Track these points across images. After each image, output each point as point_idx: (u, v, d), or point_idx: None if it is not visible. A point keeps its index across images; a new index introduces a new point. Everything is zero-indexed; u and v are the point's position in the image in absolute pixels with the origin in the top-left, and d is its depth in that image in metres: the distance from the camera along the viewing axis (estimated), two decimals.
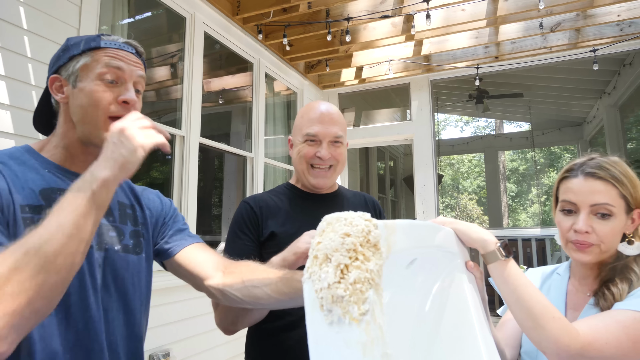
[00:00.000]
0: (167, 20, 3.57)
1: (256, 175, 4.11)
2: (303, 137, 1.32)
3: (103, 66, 0.93)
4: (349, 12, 3.87)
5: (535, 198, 18.48)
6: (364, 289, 0.49)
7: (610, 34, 4.28)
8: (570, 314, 1.06)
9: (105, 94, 0.92)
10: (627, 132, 7.38)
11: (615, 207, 0.98)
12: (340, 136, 1.33)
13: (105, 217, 0.97)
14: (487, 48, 4.75)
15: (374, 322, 0.47)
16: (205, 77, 4.67)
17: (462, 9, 3.87)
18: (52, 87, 0.96)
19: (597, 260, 1.01)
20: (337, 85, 5.50)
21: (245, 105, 4.56)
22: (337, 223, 0.56)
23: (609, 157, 1.04)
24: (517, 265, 0.90)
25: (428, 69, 5.04)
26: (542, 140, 9.97)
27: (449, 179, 19.70)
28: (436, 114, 5.92)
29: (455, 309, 0.85)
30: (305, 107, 1.40)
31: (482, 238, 0.90)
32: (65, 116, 0.96)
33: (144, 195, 1.11)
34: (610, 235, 0.98)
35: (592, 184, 0.99)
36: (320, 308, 0.49)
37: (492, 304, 4.69)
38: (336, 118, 1.34)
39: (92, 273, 0.90)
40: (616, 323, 0.86)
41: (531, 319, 0.85)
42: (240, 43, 3.95)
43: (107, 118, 0.92)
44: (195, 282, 1.05)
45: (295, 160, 1.36)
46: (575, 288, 1.09)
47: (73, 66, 0.94)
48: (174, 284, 2.84)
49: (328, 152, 1.30)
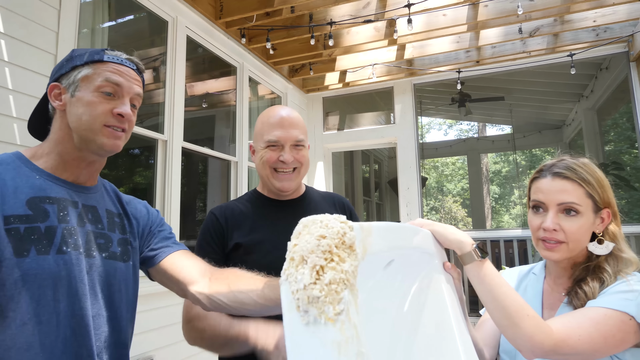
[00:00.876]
0: (148, 23, 3.54)
1: (240, 180, 4.10)
2: (265, 143, 1.32)
3: (103, 79, 0.96)
4: (332, 17, 3.90)
5: (517, 200, 18.77)
6: (339, 290, 0.50)
7: (587, 39, 4.40)
8: (546, 313, 1.08)
9: (101, 105, 0.95)
10: (604, 135, 7.56)
11: (581, 206, 1.00)
12: (302, 140, 1.33)
13: (93, 224, 0.99)
14: (469, 52, 4.83)
15: (349, 321, 0.48)
16: (188, 81, 4.64)
17: (443, 14, 3.93)
18: (50, 94, 0.99)
19: (566, 257, 1.03)
20: (321, 89, 5.52)
21: (229, 109, 4.54)
22: (313, 225, 0.57)
23: (578, 158, 1.07)
24: (492, 266, 0.92)
25: (411, 72, 5.10)
26: (524, 143, 10.15)
27: (433, 182, 19.88)
28: (419, 117, 5.98)
29: (434, 309, 0.87)
30: (265, 112, 1.39)
31: (459, 239, 0.92)
32: (61, 123, 0.98)
33: (131, 204, 1.13)
34: (577, 233, 1.01)
35: (560, 183, 1.02)
36: (297, 309, 0.50)
37: (475, 304, 4.74)
38: (296, 122, 1.34)
39: (81, 279, 0.91)
40: (588, 320, 0.89)
41: (506, 317, 0.87)
42: (224, 47, 3.94)
43: (104, 126, 0.96)
44: (180, 288, 1.05)
45: (259, 166, 1.36)
46: (550, 287, 1.11)
47: (74, 76, 0.97)
48: (157, 290, 2.81)
49: (291, 156, 1.30)
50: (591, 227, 1.02)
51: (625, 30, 4.32)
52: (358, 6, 3.84)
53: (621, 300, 0.90)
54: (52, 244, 0.88)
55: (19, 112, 2.14)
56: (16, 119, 2.12)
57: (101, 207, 1.03)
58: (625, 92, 4.68)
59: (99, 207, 1.03)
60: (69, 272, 0.89)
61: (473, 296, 4.49)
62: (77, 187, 1.00)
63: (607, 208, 1.03)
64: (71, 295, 0.89)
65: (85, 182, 1.02)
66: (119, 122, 0.97)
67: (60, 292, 0.87)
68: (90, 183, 1.04)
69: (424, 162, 16.13)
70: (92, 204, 1.01)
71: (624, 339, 0.88)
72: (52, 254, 0.87)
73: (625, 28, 4.32)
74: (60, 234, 0.90)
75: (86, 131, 0.95)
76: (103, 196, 1.06)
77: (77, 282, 0.90)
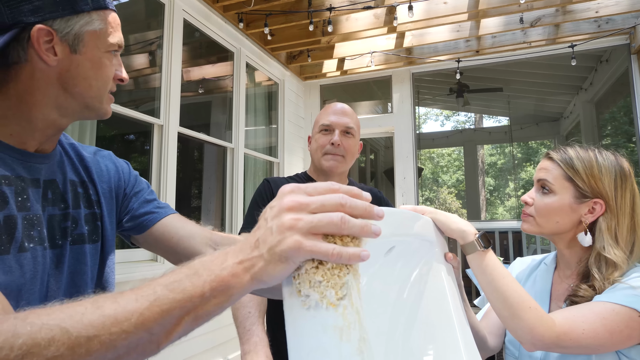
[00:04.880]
0: (145, 6, 3.48)
1: (236, 166, 4.07)
2: (319, 127, 1.50)
3: (114, 37, 0.78)
4: (331, 2, 3.84)
5: (512, 192, 18.86)
6: (342, 274, 0.48)
7: (588, 30, 4.37)
8: (554, 304, 1.07)
9: (112, 69, 0.80)
10: (602, 128, 7.57)
11: (554, 185, 1.03)
12: (352, 128, 1.49)
13: (56, 205, 0.80)
14: (468, 42, 4.79)
15: (351, 306, 0.47)
16: (185, 66, 4.58)
17: (444, 1, 3.88)
18: (38, 40, 0.70)
19: (537, 232, 1.08)
20: (318, 76, 5.47)
21: (225, 95, 4.49)
22: None
23: (583, 145, 1.07)
24: (495, 256, 0.91)
25: (410, 61, 5.06)
26: (520, 135, 10.16)
27: (428, 173, 19.92)
28: (417, 107, 5.96)
29: (433, 296, 0.86)
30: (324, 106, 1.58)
31: (461, 229, 0.90)
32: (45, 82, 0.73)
33: (95, 164, 0.91)
34: (545, 209, 1.04)
35: (544, 163, 1.09)
36: (298, 293, 0.48)
37: (468, 294, 4.78)
38: (349, 113, 1.51)
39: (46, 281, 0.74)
40: (594, 314, 0.88)
41: (507, 308, 0.86)
42: (221, 31, 3.88)
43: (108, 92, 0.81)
44: (178, 258, 0.91)
45: (312, 150, 1.52)
46: (560, 278, 1.10)
47: (80, 26, 0.73)
48: (144, 277, 2.79)
49: (339, 139, 1.45)
50: (570, 212, 1.02)
51: (628, 21, 4.29)
52: None
53: (630, 297, 0.89)
54: (13, 240, 0.67)
55: None
56: None
57: (62, 179, 0.82)
58: (625, 86, 4.67)
59: (60, 179, 0.82)
60: (34, 273, 0.70)
61: (467, 286, 4.51)
62: (36, 157, 0.77)
63: (599, 199, 1.00)
64: (36, 301, 0.71)
65: (47, 149, 0.80)
66: (116, 86, 0.83)
67: (24, 299, 0.68)
68: (51, 149, 0.81)
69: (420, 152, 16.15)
70: (52, 178, 0.80)
71: (630, 335, 0.87)
72: (13, 253, 0.67)
73: (627, 19, 4.29)
74: (21, 225, 0.69)
75: (94, 98, 0.78)
76: (63, 162, 0.84)
77: (42, 284, 0.72)
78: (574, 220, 1.02)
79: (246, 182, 4.27)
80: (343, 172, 1.52)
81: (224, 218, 4.02)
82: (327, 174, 1.49)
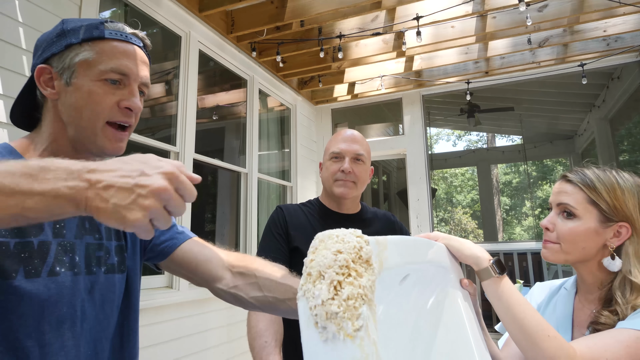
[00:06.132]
0: (162, 38, 3.60)
1: (250, 191, 4.11)
2: (330, 155, 1.52)
3: (106, 64, 0.78)
4: (341, 30, 3.93)
5: (529, 211, 18.55)
6: (358, 305, 0.49)
7: (597, 49, 4.37)
8: (577, 331, 1.04)
9: (107, 97, 0.79)
10: (618, 145, 7.46)
11: (578, 210, 1.00)
12: (362, 154, 1.50)
13: (91, 234, 0.84)
14: (477, 63, 4.82)
15: (368, 337, 0.48)
16: (200, 94, 4.70)
17: (451, 25, 3.94)
18: (39, 79, 0.80)
19: (562, 260, 1.02)
20: (330, 100, 5.54)
21: (239, 121, 4.58)
22: (329, 240, 0.57)
23: (600, 166, 1.05)
24: (510, 282, 0.90)
25: (419, 84, 5.10)
26: (535, 154, 10.06)
27: (442, 193, 19.75)
28: (428, 128, 5.97)
29: (451, 324, 0.85)
30: (334, 133, 1.62)
31: (475, 255, 0.90)
32: (54, 114, 0.81)
33: None
34: (570, 235, 1.00)
35: (563, 186, 1.05)
36: (315, 325, 0.50)
37: (488, 319, 4.67)
38: (359, 139, 1.53)
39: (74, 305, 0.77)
40: (617, 342, 0.85)
41: (526, 337, 0.84)
42: (234, 60, 3.99)
43: (106, 124, 0.80)
44: (198, 282, 0.96)
45: (323, 177, 1.55)
46: (581, 304, 1.07)
47: (70, 59, 0.78)
48: (161, 303, 2.81)
49: (350, 167, 1.46)
50: (595, 237, 0.99)
51: (637, 39, 4.29)
52: (366, 19, 3.87)
53: None
54: (45, 264, 0.73)
55: None
56: None
57: None
58: (639, 102, 4.64)
59: None
60: (59, 298, 0.74)
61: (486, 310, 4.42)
62: None
63: (624, 222, 0.99)
64: (60, 324, 0.74)
65: None
66: (125, 116, 0.81)
67: (46, 320, 0.72)
68: None
69: (433, 173, 16.05)
70: None
71: None
72: (44, 277, 0.72)
73: (636, 37, 4.29)
74: (54, 251, 0.75)
75: (86, 129, 0.79)
76: None
77: (69, 308, 0.76)
78: (599, 245, 1.00)
79: (260, 207, 4.30)
80: (355, 197, 1.54)
81: (238, 242, 4.04)
82: (339, 200, 1.52)
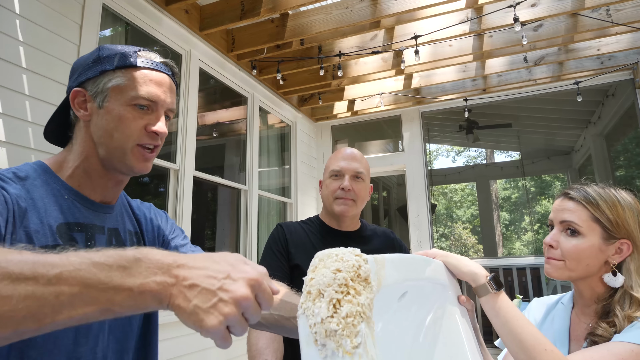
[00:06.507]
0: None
1: (250, 208, 4.13)
2: (330, 173, 1.53)
3: (137, 91, 0.84)
4: (341, 48, 4.00)
5: (528, 226, 18.52)
6: (356, 323, 0.51)
7: (592, 67, 4.45)
8: (573, 344, 1.06)
9: (135, 122, 0.84)
10: (615, 160, 7.51)
11: (582, 227, 1.01)
12: (362, 172, 1.52)
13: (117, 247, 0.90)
14: (475, 81, 4.89)
15: (366, 354, 0.49)
16: (200, 111, 4.75)
17: (449, 44, 4.01)
18: (74, 100, 0.86)
19: (566, 277, 1.03)
20: (330, 117, 5.60)
21: (239, 138, 4.62)
22: (329, 259, 0.58)
23: (600, 184, 1.07)
24: (507, 298, 0.91)
25: (418, 101, 5.17)
26: (533, 169, 10.11)
27: (442, 208, 19.74)
28: (427, 144, 6.02)
29: (449, 340, 0.86)
30: (334, 152, 1.62)
31: (473, 272, 0.91)
32: (85, 134, 0.87)
33: (141, 214, 1.01)
34: (574, 252, 1.01)
35: (565, 203, 1.06)
36: (315, 343, 0.51)
37: (488, 334, 4.64)
38: (358, 158, 1.55)
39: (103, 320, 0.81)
40: (612, 355, 0.86)
41: (523, 351, 0.85)
42: (235, 78, 4.05)
43: (136, 145, 0.86)
44: None
45: (324, 195, 1.56)
46: (578, 318, 1.09)
47: (104, 84, 0.84)
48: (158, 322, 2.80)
49: (350, 185, 1.48)
50: (599, 253, 1.01)
51: (630, 58, 4.37)
52: (366, 38, 3.94)
53: None
54: None
55: (37, 144, 2.20)
56: (34, 150, 2.19)
57: (123, 229, 0.93)
58: (633, 118, 4.69)
59: (121, 229, 0.93)
60: None
61: (487, 326, 4.39)
62: (103, 207, 0.89)
63: (625, 239, 1.01)
64: (93, 336, 0.80)
65: (110, 201, 0.91)
66: (152, 139, 0.87)
67: (81, 333, 0.77)
68: (114, 201, 0.93)
69: (432, 188, 16.08)
70: (115, 226, 0.91)
71: None
72: None
73: (629, 56, 4.36)
74: None
75: (116, 150, 0.85)
76: (123, 214, 0.95)
77: (100, 323, 0.80)
78: (601, 262, 1.02)
79: (260, 223, 4.31)
80: (354, 215, 1.55)
81: None
82: (339, 218, 1.53)
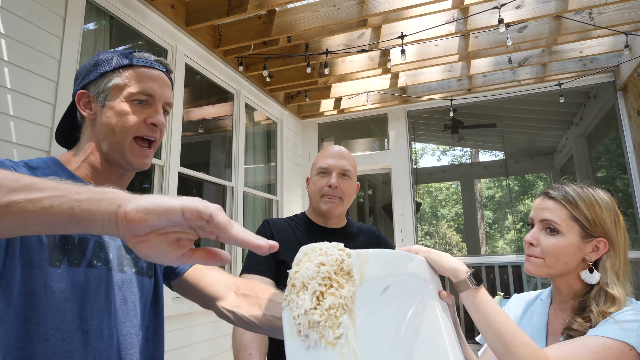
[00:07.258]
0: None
1: (236, 205, 4.11)
2: (317, 170, 1.54)
3: (134, 87, 0.92)
4: (328, 46, 4.01)
5: (511, 225, 18.82)
6: (339, 314, 0.52)
7: (574, 69, 4.54)
8: (550, 339, 1.09)
9: (135, 115, 0.92)
10: (596, 161, 7.68)
11: (561, 226, 1.04)
12: (349, 170, 1.53)
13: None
14: (460, 81, 4.95)
15: (348, 345, 0.50)
16: (186, 107, 4.71)
17: (435, 44, 4.05)
18: (79, 102, 0.95)
19: (545, 274, 1.07)
20: (316, 115, 5.61)
21: (225, 134, 4.60)
22: (313, 253, 0.59)
23: (579, 184, 1.10)
24: (487, 293, 0.94)
25: (404, 100, 5.20)
26: (516, 169, 10.28)
27: (427, 207, 19.93)
28: (413, 143, 6.07)
29: (429, 334, 0.88)
30: (322, 149, 1.62)
31: (454, 267, 0.93)
32: (90, 132, 0.94)
33: None
34: (553, 250, 1.04)
35: (545, 202, 1.09)
36: (298, 334, 0.52)
37: (470, 331, 4.71)
38: (346, 155, 1.56)
39: (108, 297, 0.87)
40: (586, 349, 0.89)
41: (501, 344, 0.88)
42: (221, 74, 4.02)
43: (133, 139, 0.92)
44: (205, 302, 1.02)
45: (310, 191, 1.56)
46: (556, 313, 1.12)
47: (104, 84, 0.93)
48: None
49: (337, 182, 1.49)
50: (577, 251, 1.04)
51: (611, 60, 4.47)
52: (353, 36, 3.96)
53: (622, 330, 0.91)
54: (84, 257, 0.84)
55: (19, 138, 2.16)
56: (16, 145, 2.15)
57: None
58: (614, 120, 4.80)
59: None
60: (97, 288, 0.84)
61: (469, 323, 4.46)
62: None
63: (602, 238, 1.04)
64: (99, 313, 0.84)
65: None
66: (151, 131, 0.94)
67: (87, 308, 0.82)
68: None
69: (417, 187, 16.23)
70: None
71: None
72: (83, 267, 0.83)
73: (611, 59, 4.47)
74: (92, 246, 0.86)
75: (118, 143, 0.92)
76: None
77: (105, 299, 0.86)
78: (579, 260, 1.05)
79: (246, 220, 4.30)
80: (341, 213, 1.56)
81: None
82: (325, 215, 1.54)
